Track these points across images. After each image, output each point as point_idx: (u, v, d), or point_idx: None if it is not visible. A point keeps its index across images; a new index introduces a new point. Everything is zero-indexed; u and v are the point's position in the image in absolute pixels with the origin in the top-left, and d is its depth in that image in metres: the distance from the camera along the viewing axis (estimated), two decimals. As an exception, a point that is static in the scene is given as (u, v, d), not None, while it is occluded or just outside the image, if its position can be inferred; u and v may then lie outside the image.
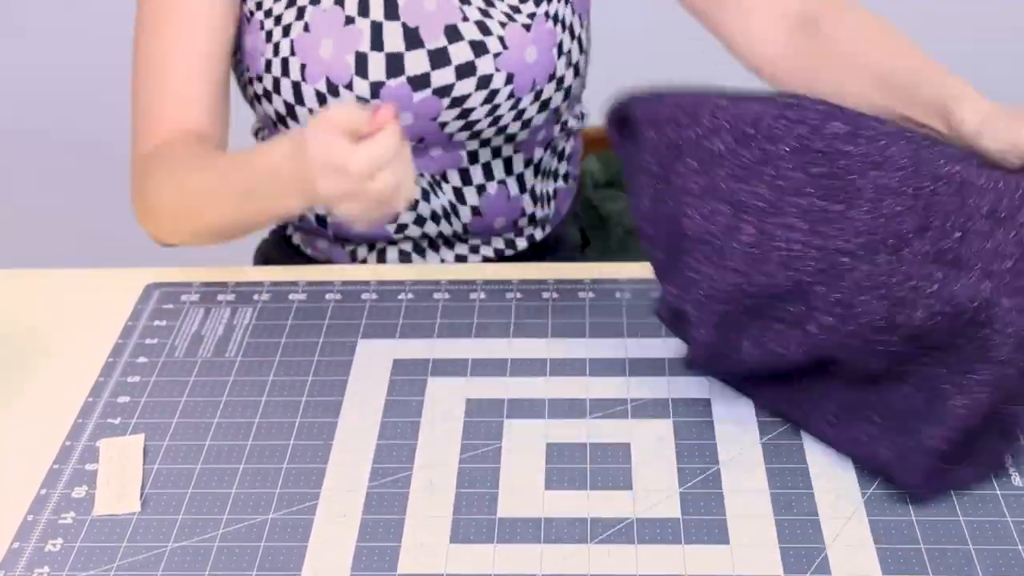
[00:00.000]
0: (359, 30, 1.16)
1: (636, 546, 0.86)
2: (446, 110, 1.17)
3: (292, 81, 1.16)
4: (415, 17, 1.16)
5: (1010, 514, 0.88)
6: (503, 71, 1.17)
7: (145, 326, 1.10)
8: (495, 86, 1.17)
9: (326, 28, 1.16)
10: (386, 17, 1.16)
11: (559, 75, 1.20)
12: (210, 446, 0.96)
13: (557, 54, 1.20)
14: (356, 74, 1.15)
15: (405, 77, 1.15)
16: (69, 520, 0.90)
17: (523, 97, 1.19)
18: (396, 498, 0.91)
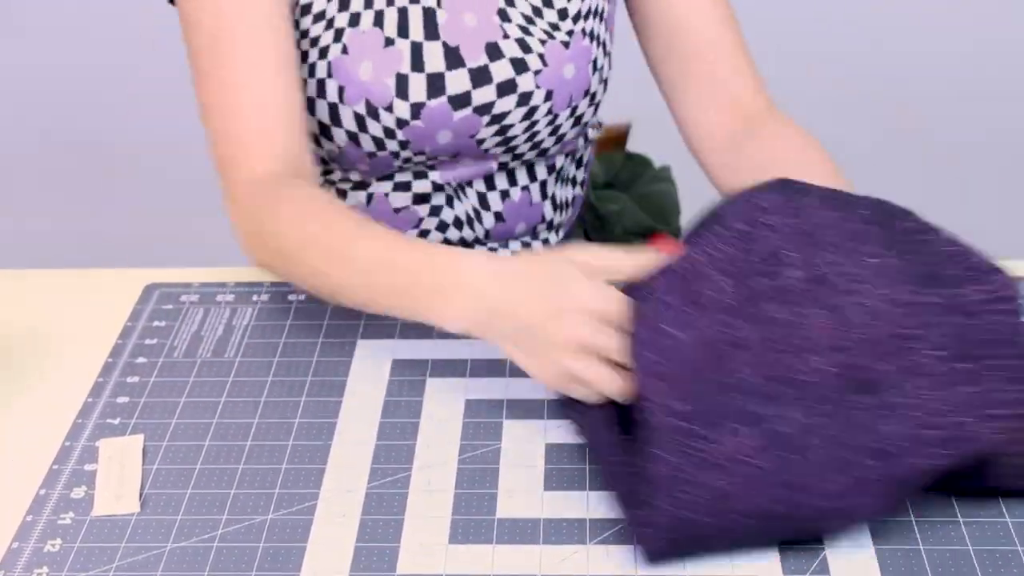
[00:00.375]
0: (399, 51, 1.15)
1: (635, 547, 0.86)
2: (485, 127, 1.18)
3: (328, 103, 1.15)
4: (456, 36, 1.16)
5: (1009, 515, 0.88)
6: (543, 88, 1.17)
7: (144, 326, 1.10)
8: (535, 103, 1.17)
9: (365, 50, 1.15)
10: (426, 37, 1.15)
11: (592, 90, 1.21)
12: (209, 446, 0.97)
13: (592, 70, 1.21)
14: (396, 96, 1.14)
15: (446, 97, 1.15)
16: (68, 520, 0.90)
17: (560, 113, 1.19)
18: (395, 498, 0.91)
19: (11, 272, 1.19)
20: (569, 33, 1.19)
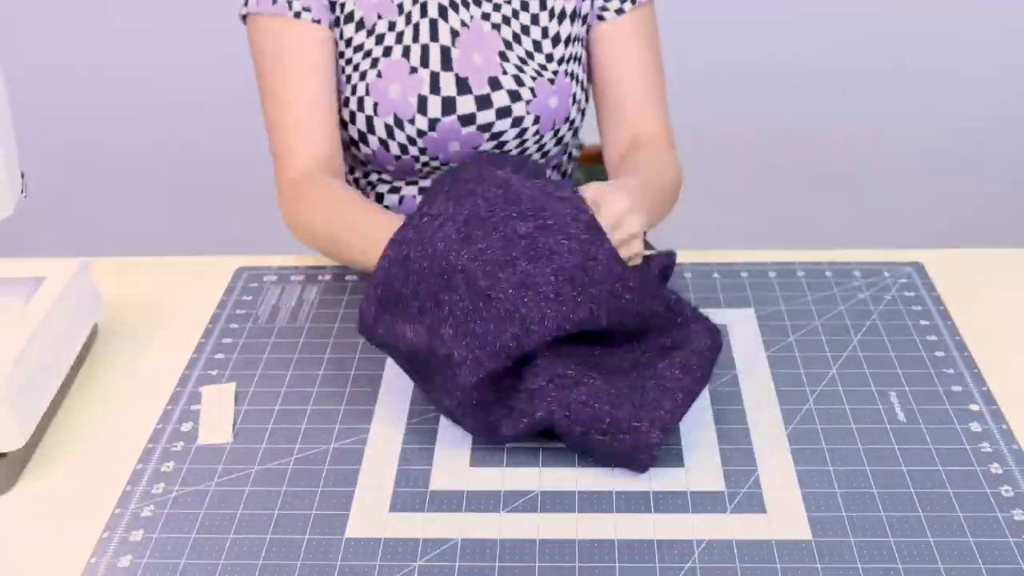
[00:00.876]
0: (421, 78, 1.17)
1: (613, 469, 0.87)
2: (486, 142, 1.19)
3: (366, 115, 1.17)
4: (465, 69, 1.18)
5: (896, 442, 0.89)
6: (532, 114, 1.19)
7: (235, 300, 1.11)
8: (525, 125, 1.19)
9: (395, 76, 1.17)
10: (442, 69, 1.17)
11: (571, 118, 1.22)
12: (285, 392, 0.98)
13: (571, 102, 1.22)
14: (418, 112, 1.17)
15: (456, 116, 1.17)
16: (179, 448, 0.91)
17: (545, 134, 1.21)
18: (428, 432, 0.92)
19: (133, 259, 1.20)
20: (555, 73, 1.20)
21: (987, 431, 0.90)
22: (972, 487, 0.84)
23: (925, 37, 2.28)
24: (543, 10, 1.21)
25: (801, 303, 1.07)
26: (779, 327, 1.04)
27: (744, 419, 0.92)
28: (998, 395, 0.94)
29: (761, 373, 0.98)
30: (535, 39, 1.20)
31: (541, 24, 1.21)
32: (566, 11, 1.21)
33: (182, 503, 0.85)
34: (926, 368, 0.98)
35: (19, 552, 0.82)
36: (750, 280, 1.11)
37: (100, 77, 2.35)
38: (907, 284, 1.10)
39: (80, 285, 1.01)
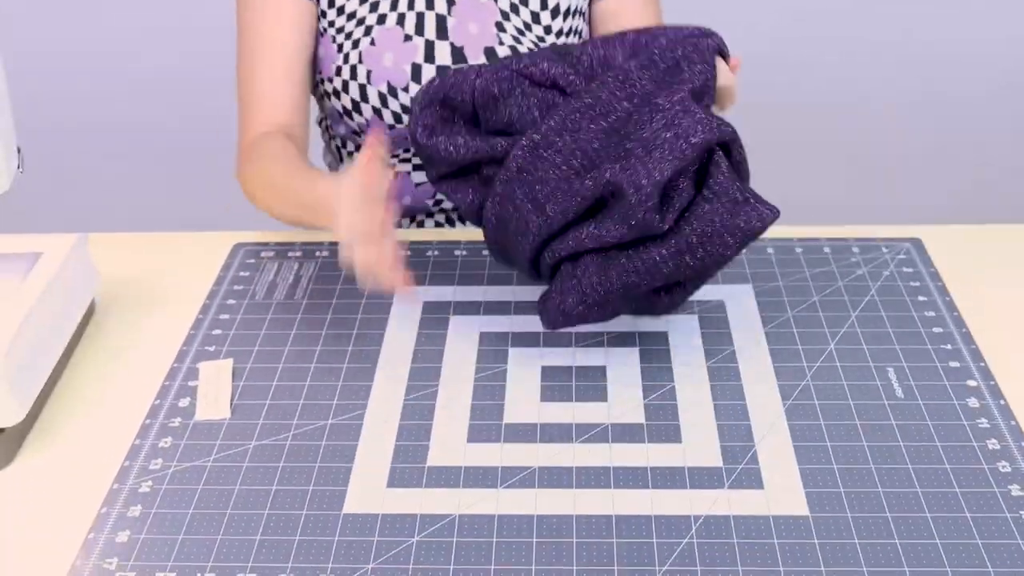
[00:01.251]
0: (415, 46, 1.16)
1: (610, 445, 0.87)
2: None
3: (359, 84, 1.16)
4: (461, 38, 1.17)
5: (894, 418, 0.89)
6: None
7: (233, 276, 1.11)
8: None
9: (389, 43, 1.16)
10: (437, 37, 1.16)
11: None
12: (283, 368, 0.97)
13: None
14: (411, 80, 1.16)
15: None
16: (176, 424, 0.91)
17: None
18: (425, 408, 0.92)
19: (131, 235, 1.19)
20: (552, 45, 1.19)
21: (985, 407, 0.90)
22: (970, 463, 0.84)
23: (922, 6, 2.27)
24: None
25: (799, 279, 1.07)
26: (777, 303, 1.04)
27: (742, 395, 0.92)
28: (996, 371, 0.94)
29: (759, 349, 0.98)
30: (533, 10, 1.19)
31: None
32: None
33: (180, 479, 0.85)
34: (924, 344, 0.98)
35: (17, 527, 0.82)
36: (748, 256, 1.11)
37: (96, 51, 2.34)
38: (905, 260, 1.10)
39: (77, 261, 1.01)
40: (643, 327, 1.01)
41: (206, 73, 2.33)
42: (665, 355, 0.97)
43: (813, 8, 2.26)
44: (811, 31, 2.29)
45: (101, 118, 2.41)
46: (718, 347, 0.98)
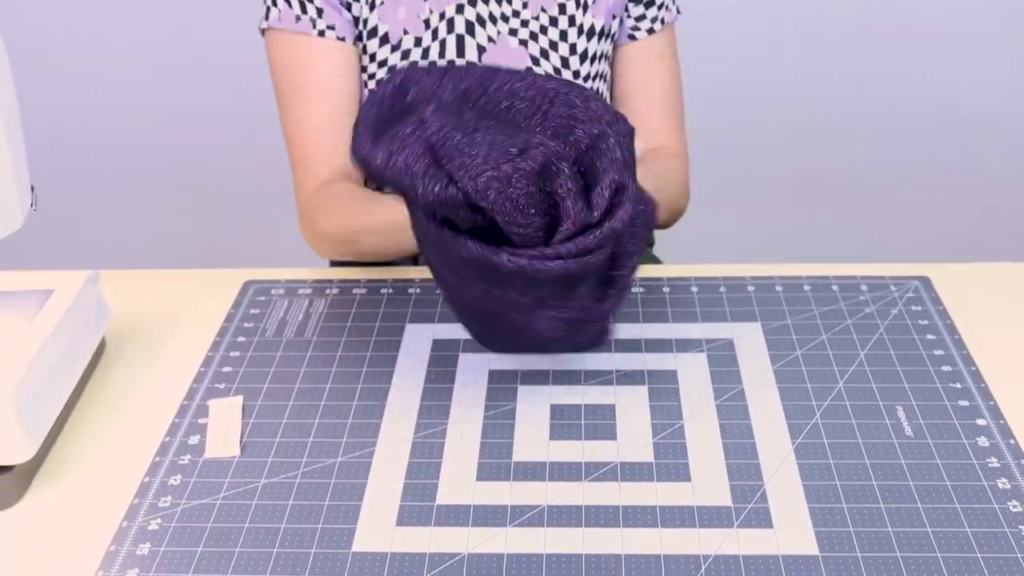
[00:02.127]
0: None
1: (619, 484, 0.87)
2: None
3: None
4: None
5: (903, 457, 0.89)
6: None
7: (243, 313, 1.11)
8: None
9: None
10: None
11: None
12: (292, 405, 0.98)
13: None
14: None
15: None
16: (186, 461, 0.91)
17: None
18: (435, 446, 0.92)
19: (141, 272, 1.20)
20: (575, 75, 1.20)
21: (994, 445, 0.90)
22: (980, 502, 0.84)
23: (930, 48, 2.28)
24: (571, 27, 1.21)
25: (807, 317, 1.07)
26: (785, 341, 1.04)
27: (751, 434, 0.92)
28: (1005, 409, 0.94)
29: (768, 387, 0.98)
30: (562, 55, 1.20)
31: (569, 41, 1.21)
32: (595, 28, 1.21)
33: (189, 517, 0.85)
34: (933, 383, 0.97)
35: (26, 565, 0.82)
36: (756, 294, 1.11)
37: (108, 88, 2.36)
38: (913, 298, 1.10)
39: (89, 298, 1.01)
40: (653, 366, 1.01)
41: (218, 110, 2.35)
42: (674, 393, 0.97)
43: (821, 40, 2.28)
44: (819, 68, 2.30)
45: (112, 154, 2.43)
46: (727, 385, 0.98)
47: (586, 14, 1.21)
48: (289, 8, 1.17)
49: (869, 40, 2.26)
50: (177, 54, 2.31)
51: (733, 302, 1.10)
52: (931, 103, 2.32)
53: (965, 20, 2.23)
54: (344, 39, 1.17)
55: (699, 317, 1.07)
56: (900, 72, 2.29)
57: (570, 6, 1.20)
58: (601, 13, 1.21)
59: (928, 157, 2.38)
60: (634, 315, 1.08)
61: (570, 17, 1.20)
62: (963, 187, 2.41)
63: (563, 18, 1.20)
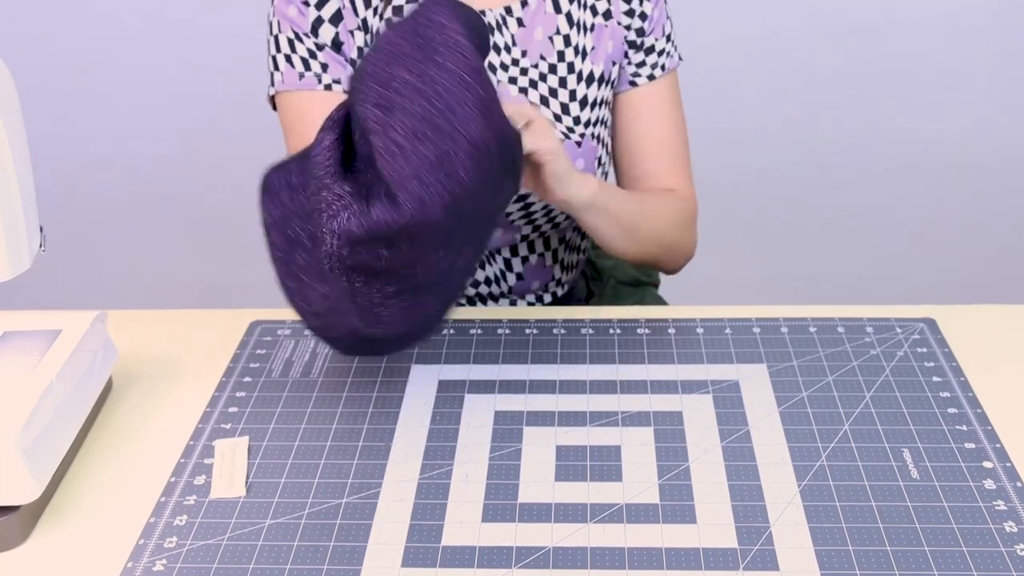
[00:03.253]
0: None
1: (625, 525, 0.87)
2: (513, 203, 1.19)
3: None
4: None
5: (909, 500, 0.89)
6: None
7: (249, 354, 1.12)
8: None
9: None
10: None
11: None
12: (298, 446, 0.98)
13: (596, 164, 1.23)
14: None
15: None
16: (192, 501, 0.91)
17: None
18: (440, 487, 0.92)
19: (148, 312, 1.20)
20: (581, 136, 1.21)
21: (1001, 488, 0.90)
22: (986, 545, 0.84)
23: (935, 92, 2.29)
24: (571, 73, 1.22)
25: (813, 359, 1.07)
26: (791, 383, 1.04)
27: (757, 475, 0.92)
28: (1012, 452, 0.94)
29: (774, 429, 0.98)
30: (562, 102, 1.21)
31: (569, 87, 1.22)
32: (594, 75, 1.23)
33: (194, 557, 0.85)
34: (939, 425, 0.98)
35: (31, 606, 0.82)
36: (762, 335, 1.11)
37: (116, 129, 2.38)
38: (919, 340, 1.10)
39: (96, 338, 1.02)
40: (658, 407, 1.01)
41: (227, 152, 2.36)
42: (680, 435, 0.97)
43: (828, 84, 2.29)
44: (826, 107, 2.31)
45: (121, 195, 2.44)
46: (733, 427, 0.98)
47: (585, 61, 1.22)
48: (292, 68, 1.18)
49: (874, 84, 2.28)
50: (184, 96, 2.33)
51: (739, 343, 1.10)
52: (937, 146, 2.33)
53: (970, 65, 2.24)
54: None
55: (705, 358, 1.08)
56: (906, 116, 2.30)
57: (569, 53, 1.22)
58: (600, 60, 1.23)
59: (934, 199, 2.39)
60: (640, 356, 1.08)
61: (569, 64, 1.21)
62: (968, 229, 2.42)
63: (562, 65, 1.21)
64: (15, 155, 0.91)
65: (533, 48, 1.21)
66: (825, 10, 2.20)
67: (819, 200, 2.40)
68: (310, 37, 1.18)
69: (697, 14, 1.88)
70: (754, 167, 2.36)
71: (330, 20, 1.19)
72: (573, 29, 1.22)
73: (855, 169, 2.36)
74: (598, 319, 1.15)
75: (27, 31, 2.27)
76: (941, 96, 2.28)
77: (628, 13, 1.23)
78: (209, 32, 2.24)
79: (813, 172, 2.37)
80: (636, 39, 1.24)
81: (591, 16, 1.23)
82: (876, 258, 2.45)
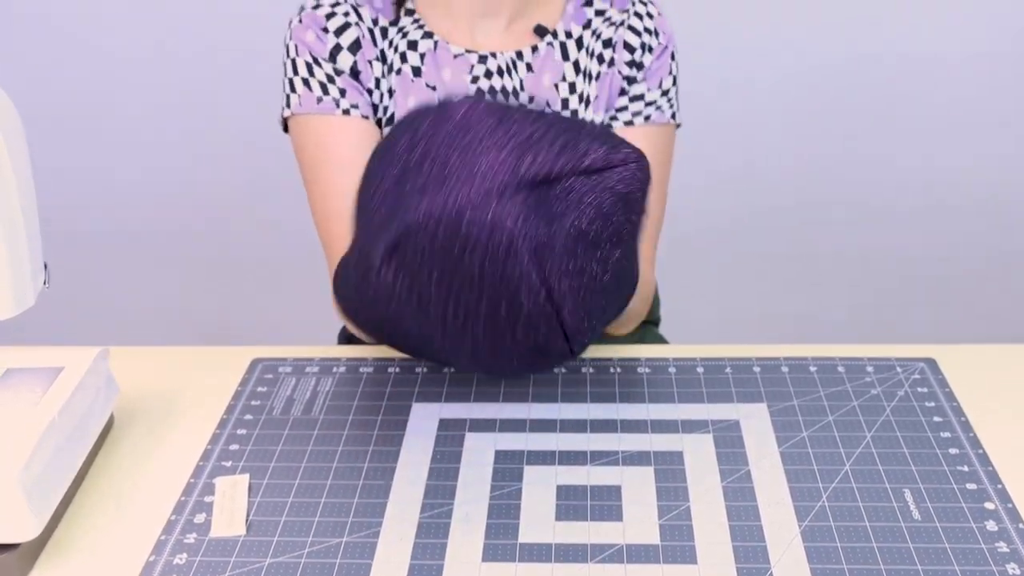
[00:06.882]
0: None
1: (625, 566, 0.87)
2: None
3: None
4: None
5: (911, 541, 0.89)
6: None
7: (251, 391, 1.12)
8: None
9: None
10: None
11: None
12: (299, 484, 0.98)
13: None
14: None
15: None
16: (192, 539, 0.91)
17: None
18: (441, 526, 0.92)
19: (149, 349, 1.20)
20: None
21: (1003, 529, 0.89)
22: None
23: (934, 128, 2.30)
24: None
25: (814, 398, 1.08)
26: (792, 422, 1.04)
27: (757, 516, 0.92)
28: (1014, 493, 0.94)
29: (774, 469, 0.98)
30: None
31: None
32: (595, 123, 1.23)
33: (194, 596, 0.85)
34: (940, 465, 0.97)
35: (30, 645, 0.81)
36: (763, 375, 1.11)
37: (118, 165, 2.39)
38: (920, 380, 1.10)
39: (98, 375, 1.02)
40: (658, 446, 1.01)
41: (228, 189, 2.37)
42: (680, 474, 0.97)
43: (825, 121, 2.30)
44: (823, 144, 2.33)
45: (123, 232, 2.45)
46: (733, 467, 0.98)
47: (588, 109, 1.23)
48: (309, 91, 1.19)
49: (872, 121, 2.29)
50: (187, 133, 2.34)
51: (739, 383, 1.10)
52: (936, 185, 2.34)
53: (969, 102, 2.26)
54: (368, 117, 1.19)
55: (705, 398, 1.08)
56: (905, 153, 2.31)
57: (573, 100, 1.23)
58: (601, 108, 1.24)
59: (933, 239, 2.40)
60: (640, 395, 1.08)
61: (573, 112, 1.22)
62: (969, 268, 2.42)
63: (566, 113, 1.22)
64: (21, 193, 0.91)
65: (541, 94, 1.22)
66: (825, 53, 2.21)
67: (819, 239, 2.41)
68: (328, 62, 1.19)
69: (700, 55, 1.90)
70: (754, 206, 2.37)
71: (348, 48, 1.20)
72: (579, 77, 1.23)
73: (855, 208, 2.37)
74: (598, 358, 1.15)
75: (32, 67, 2.28)
76: (940, 137, 2.29)
77: (629, 64, 1.25)
78: (210, 71, 2.26)
79: (814, 211, 2.38)
80: (626, 86, 1.25)
81: (597, 64, 1.24)
82: (876, 297, 2.45)
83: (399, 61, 1.21)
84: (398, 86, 1.22)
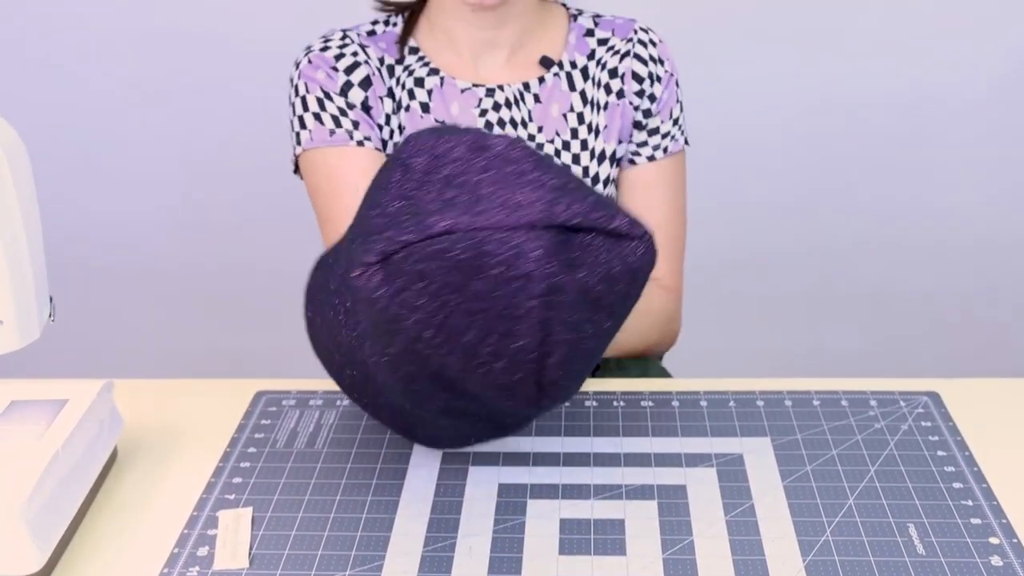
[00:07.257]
0: None
1: (628, 599, 0.87)
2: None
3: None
4: None
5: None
6: None
7: (254, 424, 1.12)
8: None
9: None
10: None
11: None
12: (302, 517, 0.98)
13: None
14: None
15: None
16: (195, 573, 0.91)
17: None
18: (444, 560, 0.92)
19: (153, 381, 1.21)
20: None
21: (1008, 565, 0.89)
22: (993, 623, 0.83)
23: (936, 168, 2.31)
24: (584, 150, 1.24)
25: (817, 432, 1.07)
26: (795, 456, 1.04)
27: (761, 550, 0.91)
28: (1018, 527, 0.94)
29: (778, 503, 0.97)
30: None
31: (582, 164, 1.23)
32: (606, 152, 1.24)
33: (196, 630, 0.85)
34: (944, 500, 0.97)
35: None
36: (766, 408, 1.11)
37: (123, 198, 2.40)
38: (923, 414, 1.10)
39: (102, 408, 1.02)
40: (662, 480, 1.01)
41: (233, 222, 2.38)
42: (684, 508, 0.97)
43: (829, 160, 2.31)
44: (827, 183, 2.33)
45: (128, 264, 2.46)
46: (736, 501, 0.98)
47: (598, 138, 1.24)
48: (321, 125, 1.20)
49: (876, 160, 2.30)
50: (191, 166, 2.35)
51: (742, 416, 1.10)
52: (940, 221, 2.35)
53: (972, 142, 2.27)
54: (380, 149, 1.20)
55: (709, 431, 1.08)
56: (909, 191, 2.32)
57: (582, 131, 1.23)
58: (612, 138, 1.25)
59: (936, 273, 2.40)
60: (643, 429, 1.08)
61: (582, 141, 1.23)
62: (972, 303, 2.42)
63: (575, 142, 1.23)
64: (27, 226, 0.92)
65: (549, 124, 1.23)
66: (832, 87, 2.23)
67: (822, 273, 2.41)
68: (340, 96, 1.20)
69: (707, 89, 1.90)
70: (758, 241, 2.37)
71: (359, 84, 1.21)
72: (587, 107, 1.24)
73: (859, 243, 2.38)
74: (602, 391, 1.15)
75: (38, 103, 2.30)
76: (944, 172, 2.30)
77: (639, 94, 1.26)
78: (219, 108, 2.27)
79: (817, 246, 2.38)
80: (642, 120, 1.26)
81: (604, 95, 1.25)
82: (879, 331, 2.45)
83: (407, 98, 1.22)
84: (407, 122, 1.23)
